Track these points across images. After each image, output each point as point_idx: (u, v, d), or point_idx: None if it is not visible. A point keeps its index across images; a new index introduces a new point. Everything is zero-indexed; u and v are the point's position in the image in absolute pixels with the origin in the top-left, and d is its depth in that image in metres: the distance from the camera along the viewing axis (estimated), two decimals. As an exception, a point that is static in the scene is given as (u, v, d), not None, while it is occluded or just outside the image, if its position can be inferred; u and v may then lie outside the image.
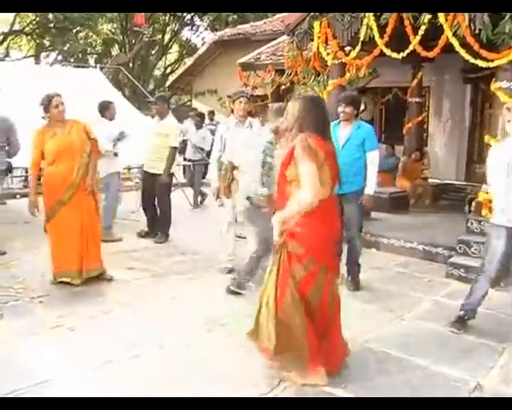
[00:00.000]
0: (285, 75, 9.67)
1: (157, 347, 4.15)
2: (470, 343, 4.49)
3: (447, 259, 6.52)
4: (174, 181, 11.41)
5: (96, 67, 14.43)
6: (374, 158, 5.66)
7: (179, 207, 10.33)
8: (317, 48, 7.83)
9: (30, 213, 5.58)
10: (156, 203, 7.64)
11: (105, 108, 7.50)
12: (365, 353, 4.18)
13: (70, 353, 4.00)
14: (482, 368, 4.03)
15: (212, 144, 8.08)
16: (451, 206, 9.64)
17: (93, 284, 5.62)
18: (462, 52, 6.49)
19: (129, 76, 14.65)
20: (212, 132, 10.36)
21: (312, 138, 3.54)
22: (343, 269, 5.87)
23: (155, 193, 7.56)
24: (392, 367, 3.97)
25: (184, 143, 10.45)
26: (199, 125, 10.76)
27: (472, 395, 3.62)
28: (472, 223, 6.62)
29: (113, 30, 25.41)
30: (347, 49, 7.70)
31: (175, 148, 7.45)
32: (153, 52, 26.72)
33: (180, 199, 10.54)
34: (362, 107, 6.22)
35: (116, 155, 7.44)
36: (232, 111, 6.27)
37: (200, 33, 27.09)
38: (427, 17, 6.61)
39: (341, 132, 5.75)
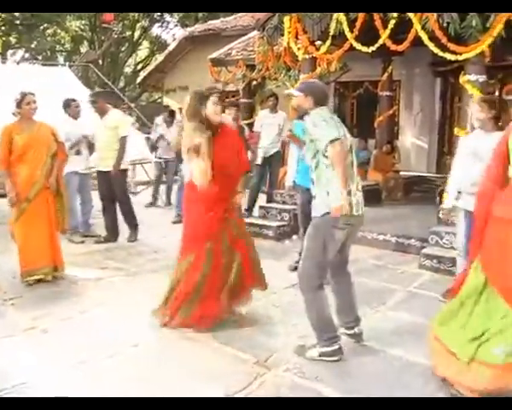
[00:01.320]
0: (256, 70, 9.67)
1: (132, 346, 4.12)
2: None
3: (420, 250, 6.59)
4: (147, 179, 11.41)
5: (64, 64, 14.25)
6: None
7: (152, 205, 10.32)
8: (288, 43, 7.83)
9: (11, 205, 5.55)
10: (117, 202, 7.44)
11: (66, 107, 7.44)
12: (342, 345, 4.20)
13: (45, 354, 3.95)
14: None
15: None
16: (423, 198, 9.76)
17: (66, 284, 5.57)
18: (431, 45, 6.55)
19: (98, 73, 14.49)
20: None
21: None
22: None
23: (113, 191, 7.31)
24: (369, 359, 4.00)
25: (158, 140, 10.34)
26: (169, 123, 10.62)
27: (446, 384, 3.66)
28: (443, 214, 6.69)
29: (82, 27, 25.11)
30: (318, 43, 7.71)
31: (125, 137, 7.15)
32: (123, 49, 26.50)
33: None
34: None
35: (78, 153, 7.34)
36: None
37: (171, 30, 27.00)
38: (395, 11, 6.66)
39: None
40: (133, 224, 7.55)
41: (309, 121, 3.97)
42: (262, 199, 8.84)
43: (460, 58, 6.48)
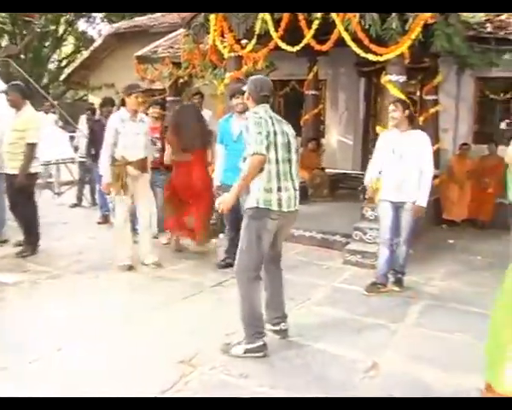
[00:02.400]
0: (182, 68, 9.59)
1: (55, 350, 4.01)
2: (366, 325, 4.68)
3: (344, 246, 6.74)
4: (71, 179, 11.09)
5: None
6: None
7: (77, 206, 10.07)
8: (213, 41, 7.81)
9: None
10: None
11: None
12: (267, 341, 4.25)
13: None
14: (378, 348, 4.22)
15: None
16: (348, 195, 9.99)
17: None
18: (354, 46, 6.71)
19: (18, 69, 13.92)
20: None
21: None
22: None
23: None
24: (294, 354, 4.06)
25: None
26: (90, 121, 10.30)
27: (369, 375, 3.77)
28: (366, 210, 6.89)
29: (2, 19, 24.10)
30: (243, 42, 7.74)
31: (32, 145, 6.46)
32: (46, 44, 25.64)
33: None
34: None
35: None
36: (123, 104, 6.06)
37: (97, 25, 26.37)
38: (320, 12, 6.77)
39: (235, 125, 5.79)
40: (31, 237, 6.72)
41: (246, 123, 4.02)
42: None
43: (381, 59, 6.68)
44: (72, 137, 11.14)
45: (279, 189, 3.93)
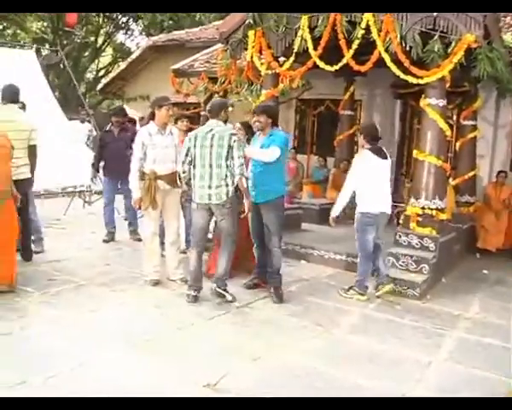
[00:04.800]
0: (218, 83, 9.56)
1: (76, 365, 3.90)
2: (398, 356, 4.51)
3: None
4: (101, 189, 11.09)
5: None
6: (270, 149, 5.52)
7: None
8: (251, 57, 7.76)
9: None
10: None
11: None
12: (293, 368, 4.11)
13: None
14: (410, 381, 4.04)
15: None
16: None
17: (8, 297, 5.23)
18: (394, 68, 6.59)
19: (70, 73, 14.05)
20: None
21: None
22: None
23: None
24: (320, 382, 3.91)
25: None
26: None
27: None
28: (400, 236, 6.71)
29: (43, 29, 24.61)
30: (281, 59, 7.67)
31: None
32: (85, 54, 26.09)
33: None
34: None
35: None
36: (152, 118, 5.94)
37: (135, 38, 26.73)
38: (360, 32, 6.68)
39: (257, 142, 5.75)
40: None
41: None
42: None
43: (421, 82, 6.56)
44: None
45: (202, 187, 5.32)
